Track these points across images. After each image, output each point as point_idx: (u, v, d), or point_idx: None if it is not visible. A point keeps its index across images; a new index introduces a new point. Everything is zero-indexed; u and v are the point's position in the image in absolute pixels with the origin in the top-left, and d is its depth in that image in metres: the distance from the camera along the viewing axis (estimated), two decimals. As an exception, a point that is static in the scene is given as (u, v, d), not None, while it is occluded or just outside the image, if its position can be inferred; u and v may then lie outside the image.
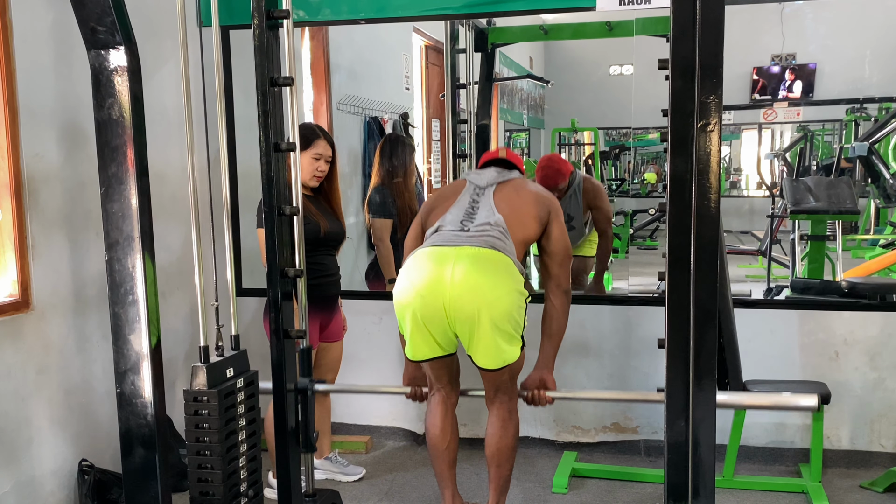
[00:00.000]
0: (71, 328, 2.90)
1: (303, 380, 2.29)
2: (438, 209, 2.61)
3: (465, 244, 2.40)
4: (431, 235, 2.52)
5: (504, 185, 2.61)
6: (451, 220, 2.52)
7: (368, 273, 4.27)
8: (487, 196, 2.56)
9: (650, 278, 5.39)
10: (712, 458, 1.74)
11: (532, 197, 2.59)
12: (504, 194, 2.57)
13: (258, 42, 2.08)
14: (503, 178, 2.62)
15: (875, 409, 3.31)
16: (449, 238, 2.45)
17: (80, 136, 2.90)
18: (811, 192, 4.42)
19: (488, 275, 2.35)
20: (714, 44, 1.63)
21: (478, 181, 2.62)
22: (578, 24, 4.78)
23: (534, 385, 2.54)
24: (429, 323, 2.41)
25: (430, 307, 2.38)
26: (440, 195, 2.70)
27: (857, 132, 6.54)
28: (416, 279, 2.40)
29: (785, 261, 5.72)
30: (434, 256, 2.40)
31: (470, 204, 2.56)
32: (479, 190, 2.60)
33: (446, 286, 2.34)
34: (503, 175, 2.64)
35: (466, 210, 2.54)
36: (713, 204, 1.67)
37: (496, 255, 2.39)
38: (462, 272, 2.34)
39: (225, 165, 2.03)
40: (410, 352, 2.50)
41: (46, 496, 2.78)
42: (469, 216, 2.51)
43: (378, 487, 3.25)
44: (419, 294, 2.38)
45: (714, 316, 1.70)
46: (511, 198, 2.56)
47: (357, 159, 4.81)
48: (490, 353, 2.40)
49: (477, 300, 2.33)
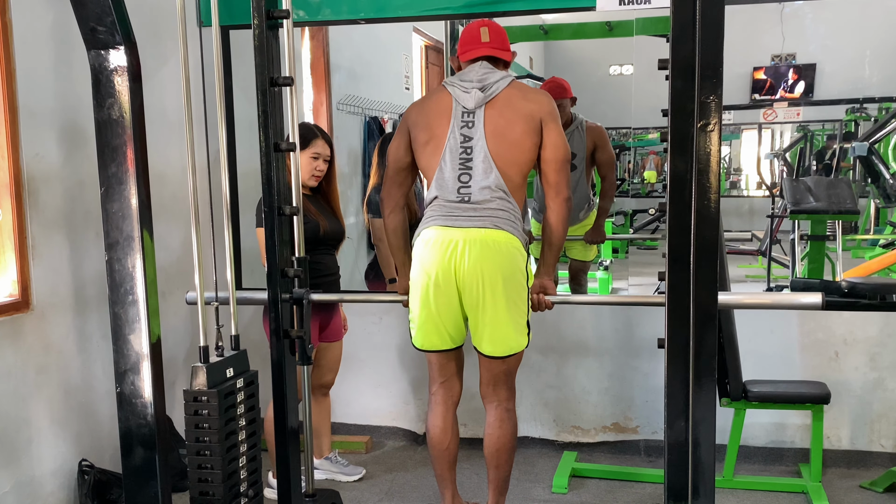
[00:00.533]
0: (71, 328, 2.90)
1: (298, 290, 2.27)
2: (428, 146, 2.50)
3: (471, 225, 2.41)
4: (432, 207, 2.49)
5: (494, 104, 2.45)
6: (448, 180, 2.45)
7: (368, 273, 4.27)
8: (478, 127, 2.44)
9: (650, 278, 5.40)
10: (712, 458, 1.74)
11: (524, 114, 2.45)
12: (495, 121, 2.44)
13: (258, 42, 2.08)
14: (491, 92, 2.45)
15: (875, 409, 3.31)
16: (452, 211, 2.44)
17: (80, 136, 2.90)
18: (811, 192, 4.42)
19: (496, 258, 2.40)
20: (714, 44, 1.63)
21: (465, 101, 2.46)
22: (578, 24, 4.79)
23: (535, 290, 2.55)
24: (442, 310, 2.45)
25: (443, 294, 2.43)
26: (426, 118, 2.53)
27: (857, 132, 6.55)
28: (429, 266, 2.43)
29: (785, 261, 5.72)
30: (443, 242, 2.41)
31: (462, 146, 2.45)
32: (467, 115, 2.46)
33: (456, 271, 2.41)
34: (491, 81, 2.46)
35: (460, 158, 2.44)
36: (713, 204, 1.67)
37: (502, 236, 2.41)
38: (471, 259, 2.39)
39: (225, 165, 2.03)
40: (420, 340, 2.53)
41: (46, 496, 2.78)
42: (465, 166, 2.43)
43: (378, 487, 3.25)
44: (434, 282, 2.43)
45: (714, 316, 1.70)
46: (503, 126, 2.45)
47: (357, 159, 4.81)
48: (498, 338, 2.43)
49: (486, 280, 2.39)
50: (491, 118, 2.45)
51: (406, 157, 2.58)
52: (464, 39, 2.59)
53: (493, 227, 2.41)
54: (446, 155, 2.46)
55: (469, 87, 2.47)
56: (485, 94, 2.45)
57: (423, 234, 2.49)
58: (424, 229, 2.49)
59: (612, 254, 5.74)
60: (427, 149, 2.51)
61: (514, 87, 2.49)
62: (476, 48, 2.55)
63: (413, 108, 2.61)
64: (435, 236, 2.44)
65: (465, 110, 2.47)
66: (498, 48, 2.55)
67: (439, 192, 2.48)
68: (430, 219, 2.49)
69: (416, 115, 2.56)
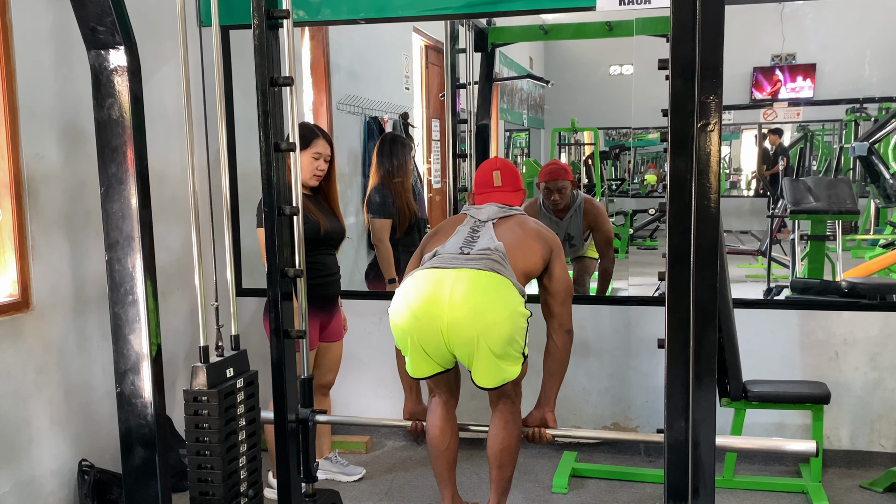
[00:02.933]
0: (71, 328, 2.90)
1: (303, 410, 2.29)
2: (438, 237, 2.61)
3: (465, 266, 2.38)
4: (429, 259, 2.49)
5: (505, 220, 2.61)
6: (450, 246, 2.50)
7: (368, 273, 4.26)
8: (488, 228, 2.56)
9: (650, 278, 5.40)
10: (712, 458, 1.74)
11: (534, 232, 2.57)
12: (506, 227, 2.57)
13: (258, 42, 2.08)
14: (505, 214, 2.62)
15: (875, 409, 3.31)
16: (448, 260, 2.43)
17: (80, 136, 2.90)
18: (811, 192, 4.42)
19: (488, 295, 2.33)
20: (714, 44, 1.63)
21: (478, 215, 2.62)
22: (578, 24, 4.79)
23: (535, 423, 2.56)
24: (426, 345, 2.40)
25: (425, 329, 2.36)
26: (440, 227, 2.70)
27: (857, 132, 6.55)
28: (412, 300, 2.37)
29: (785, 261, 5.72)
30: (432, 278, 2.38)
31: (470, 234, 2.54)
32: (479, 223, 2.59)
33: (444, 308, 2.32)
34: (505, 211, 2.64)
35: (466, 238, 2.52)
36: (713, 204, 1.67)
37: (497, 277, 2.37)
38: (461, 293, 2.31)
39: (225, 165, 2.02)
40: (411, 369, 2.50)
41: (46, 496, 2.78)
42: (469, 243, 2.49)
43: (378, 487, 3.25)
44: (414, 315, 2.36)
45: (714, 316, 1.70)
46: (513, 230, 2.55)
47: (357, 159, 4.81)
48: (490, 375, 2.40)
49: (477, 324, 2.31)
50: (502, 224, 2.58)
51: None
52: (478, 181, 2.76)
53: (487, 268, 2.38)
54: (453, 237, 2.55)
55: (483, 209, 2.64)
56: (499, 212, 2.61)
57: (413, 272, 2.48)
58: (417, 271, 2.48)
59: (613, 254, 5.74)
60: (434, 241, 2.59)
61: (527, 217, 2.66)
62: (489, 193, 2.72)
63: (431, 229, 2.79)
64: (425, 273, 2.42)
65: (478, 221, 2.60)
66: (509, 191, 2.71)
67: (438, 249, 2.50)
68: (423, 265, 2.49)
69: (433, 232, 2.72)
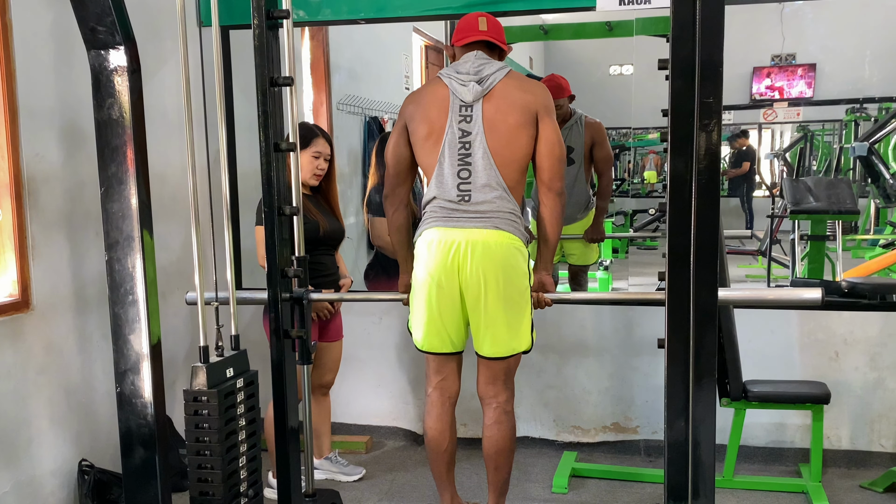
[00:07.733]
0: (71, 328, 2.90)
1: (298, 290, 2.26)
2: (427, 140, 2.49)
3: (473, 226, 2.42)
4: (432, 207, 2.48)
5: (491, 97, 2.44)
6: (448, 178, 2.45)
7: (368, 273, 4.26)
8: (476, 122, 2.43)
9: (650, 278, 5.40)
10: (712, 458, 1.74)
11: (520, 105, 2.44)
12: (493, 115, 2.44)
13: (258, 42, 2.08)
14: (488, 84, 2.44)
15: (875, 409, 3.31)
16: (452, 213, 2.44)
17: (80, 136, 2.90)
18: (811, 192, 4.42)
19: (498, 262, 2.41)
20: (714, 44, 1.62)
21: (462, 94, 2.45)
22: (578, 24, 4.79)
23: (535, 288, 2.55)
24: (445, 313, 2.47)
25: (447, 297, 2.45)
26: (423, 111, 2.51)
27: (857, 132, 6.55)
28: (432, 269, 2.44)
29: (785, 261, 5.72)
30: (445, 243, 2.42)
31: (461, 141, 2.44)
32: (465, 108, 2.45)
33: (459, 273, 2.42)
34: (487, 73, 2.46)
35: (459, 153, 2.44)
36: (713, 204, 1.67)
37: (504, 237, 2.42)
38: (473, 262, 2.40)
39: (225, 165, 2.02)
40: (421, 342, 2.54)
41: (46, 496, 2.78)
42: (464, 162, 2.43)
43: (378, 487, 3.25)
44: (438, 284, 2.44)
45: (714, 316, 1.70)
46: (500, 121, 2.44)
47: (357, 159, 4.81)
48: (499, 339, 2.44)
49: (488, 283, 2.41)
50: (489, 112, 2.45)
51: (406, 152, 2.57)
52: (460, 27, 2.60)
53: (493, 227, 2.41)
54: (445, 150, 2.46)
55: (466, 79, 2.46)
56: (482, 87, 2.45)
57: (425, 234, 2.48)
58: (426, 230, 2.49)
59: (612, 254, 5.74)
60: (426, 144, 2.50)
61: (511, 78, 2.49)
62: (473, 34, 2.55)
63: (409, 102, 2.58)
64: (437, 238, 2.44)
65: (463, 104, 2.46)
66: (494, 37, 2.55)
67: (438, 192, 2.47)
68: (430, 220, 2.48)
69: (414, 108, 2.54)
